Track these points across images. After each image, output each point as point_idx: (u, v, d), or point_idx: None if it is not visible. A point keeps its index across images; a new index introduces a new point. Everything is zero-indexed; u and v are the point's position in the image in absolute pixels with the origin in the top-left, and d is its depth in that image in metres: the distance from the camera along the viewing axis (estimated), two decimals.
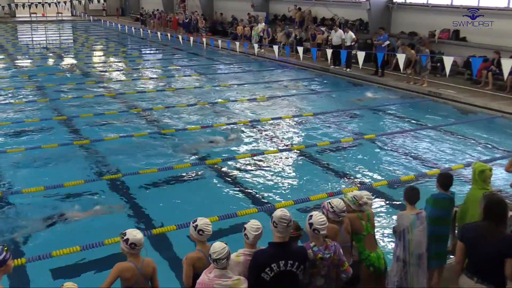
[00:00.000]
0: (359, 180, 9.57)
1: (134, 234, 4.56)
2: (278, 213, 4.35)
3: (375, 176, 9.75)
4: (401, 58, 17.09)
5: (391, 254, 5.47)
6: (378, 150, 11.44)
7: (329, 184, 9.38)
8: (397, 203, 8.47)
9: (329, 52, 20.17)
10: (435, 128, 13.06)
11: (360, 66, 18.71)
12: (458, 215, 5.79)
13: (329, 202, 5.01)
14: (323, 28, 23.89)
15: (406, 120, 13.98)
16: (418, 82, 17.39)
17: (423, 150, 11.40)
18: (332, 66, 20.95)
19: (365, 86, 18.56)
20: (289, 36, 24.69)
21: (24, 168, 10.09)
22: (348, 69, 20.11)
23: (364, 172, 9.94)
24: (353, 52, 19.86)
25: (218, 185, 9.36)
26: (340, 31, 20.74)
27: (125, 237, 4.54)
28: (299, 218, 6.57)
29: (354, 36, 20.50)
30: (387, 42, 19.33)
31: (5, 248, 4.21)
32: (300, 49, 21.14)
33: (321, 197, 8.39)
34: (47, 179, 9.21)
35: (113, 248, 6.74)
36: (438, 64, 18.31)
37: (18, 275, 6.31)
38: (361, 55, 18.09)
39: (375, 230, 5.53)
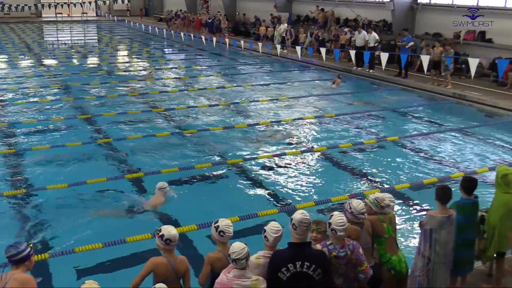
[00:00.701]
0: (381, 182, 9.48)
1: (169, 230, 4.66)
2: (298, 216, 4.36)
3: (397, 178, 9.65)
4: (425, 59, 16.89)
5: (413, 257, 5.41)
6: (401, 152, 11.31)
7: (351, 185, 9.32)
8: (420, 206, 8.37)
9: (352, 53, 20.06)
10: (459, 131, 12.88)
11: (383, 67, 18.57)
12: (486, 219, 5.70)
13: (349, 203, 5.00)
14: (346, 29, 23.75)
15: (430, 122, 13.81)
16: (442, 84, 17.17)
17: (447, 152, 11.25)
18: (355, 67, 20.82)
19: (388, 87, 18.39)
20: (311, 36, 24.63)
21: (49, 165, 10.24)
22: (371, 70, 19.97)
23: (386, 174, 9.85)
24: (377, 53, 19.72)
25: (239, 185, 9.36)
26: (364, 32, 20.59)
27: (160, 233, 4.64)
28: (320, 218, 6.55)
29: (377, 37, 20.35)
30: (411, 43, 19.15)
31: (30, 245, 4.31)
32: (323, 50, 21.05)
33: (342, 198, 8.36)
34: (70, 177, 9.33)
35: (134, 246, 6.82)
36: (463, 66, 18.06)
37: (40, 270, 6.41)
38: (384, 56, 17.95)
39: (397, 233, 5.47)
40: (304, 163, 10.45)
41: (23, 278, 4.24)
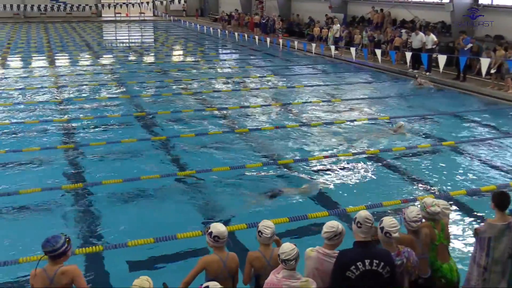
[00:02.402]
0: (436, 187, 9.22)
1: (218, 227, 4.73)
2: (362, 213, 4.42)
3: (454, 184, 9.35)
4: (485, 62, 16.31)
5: (466, 265, 5.23)
6: (457, 157, 10.96)
7: (404, 190, 9.11)
8: (476, 213, 8.09)
9: (408, 55, 19.62)
10: None
11: (441, 70, 18.04)
12: None
13: (404, 209, 4.92)
14: (403, 31, 23.25)
15: (489, 127, 13.31)
16: (503, 88, 16.53)
17: (506, 159, 10.81)
18: (410, 70, 20.35)
19: (446, 91, 17.87)
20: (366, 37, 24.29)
21: (105, 161, 10.56)
22: (428, 73, 19.47)
23: (442, 180, 9.56)
24: (434, 55, 19.21)
25: (289, 186, 9.31)
26: (421, 34, 20.10)
27: (209, 230, 4.71)
28: None
29: (435, 39, 19.80)
30: (470, 45, 18.52)
31: (67, 240, 4.44)
32: (378, 52, 20.71)
33: (394, 203, 8.20)
34: (125, 172, 9.59)
35: (184, 242, 6.93)
36: None
37: (94, 262, 6.62)
38: (442, 59, 17.49)
39: (449, 241, 5.30)
40: (356, 165, 10.29)
41: (71, 269, 4.39)
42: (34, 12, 44.67)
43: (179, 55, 28.32)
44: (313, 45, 25.25)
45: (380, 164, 10.45)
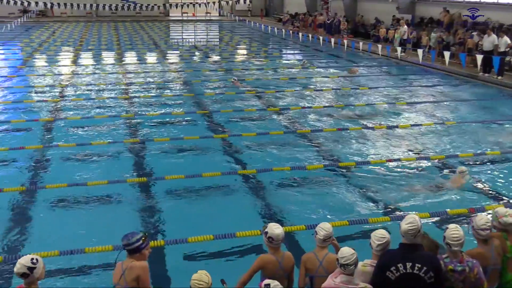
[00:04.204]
0: (506, 196, 8.80)
1: (273, 228, 4.76)
2: (404, 226, 4.27)
3: None
4: None
5: None
6: None
7: (470, 198, 8.75)
8: None
9: (479, 58, 18.87)
10: None
11: None
12: None
13: (473, 217, 4.75)
14: (474, 33, 22.37)
15: None
16: None
17: None
18: (481, 73, 19.55)
19: None
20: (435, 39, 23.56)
21: (168, 156, 10.81)
22: (500, 77, 18.63)
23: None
24: (507, 59, 18.36)
25: (350, 189, 9.17)
26: (493, 35, 19.26)
27: (265, 230, 4.74)
28: (434, 231, 6.23)
29: (509, 42, 18.91)
30: None
31: (143, 238, 4.56)
32: (447, 54, 20.03)
33: (460, 212, 7.91)
34: (187, 168, 9.76)
35: (243, 240, 6.97)
36: None
37: (156, 255, 6.76)
38: None
39: None
40: (420, 170, 10.00)
41: (140, 265, 4.52)
42: (106, 11, 46.39)
43: (243, 54, 28.55)
44: (379, 46, 24.77)
45: (445, 170, 10.10)
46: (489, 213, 4.97)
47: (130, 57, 25.99)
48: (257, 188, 9.20)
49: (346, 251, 4.18)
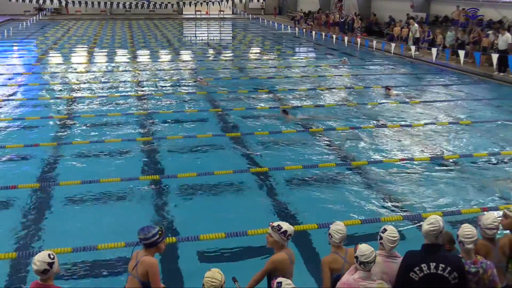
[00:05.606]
0: None
1: (287, 226, 4.83)
2: (425, 226, 4.25)
3: None
4: None
5: None
6: None
7: (484, 198, 8.67)
8: None
9: (494, 57, 18.67)
10: None
11: None
12: None
13: (481, 216, 4.73)
14: (490, 32, 22.15)
15: None
16: None
17: None
18: (496, 72, 19.35)
19: None
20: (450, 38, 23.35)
21: (180, 154, 10.85)
22: None
23: None
24: None
25: (362, 187, 9.14)
26: (507, 34, 19.06)
27: (282, 229, 4.77)
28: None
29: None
30: None
31: (159, 232, 4.60)
32: (461, 53, 19.85)
33: (473, 211, 7.84)
34: (199, 166, 9.79)
35: (254, 239, 6.96)
36: None
37: (168, 252, 6.78)
38: None
39: None
40: (433, 170, 9.93)
41: (148, 261, 4.55)
42: (120, 9, 46.70)
43: (256, 53, 28.55)
44: (393, 45, 24.62)
45: (459, 169, 10.03)
46: (499, 213, 4.91)
47: (144, 55, 26.10)
48: (269, 186, 9.19)
49: (365, 249, 4.20)
